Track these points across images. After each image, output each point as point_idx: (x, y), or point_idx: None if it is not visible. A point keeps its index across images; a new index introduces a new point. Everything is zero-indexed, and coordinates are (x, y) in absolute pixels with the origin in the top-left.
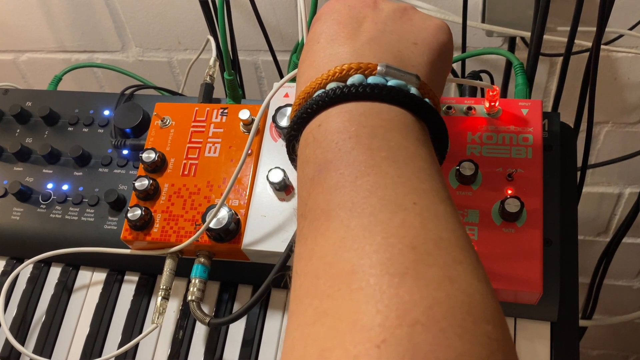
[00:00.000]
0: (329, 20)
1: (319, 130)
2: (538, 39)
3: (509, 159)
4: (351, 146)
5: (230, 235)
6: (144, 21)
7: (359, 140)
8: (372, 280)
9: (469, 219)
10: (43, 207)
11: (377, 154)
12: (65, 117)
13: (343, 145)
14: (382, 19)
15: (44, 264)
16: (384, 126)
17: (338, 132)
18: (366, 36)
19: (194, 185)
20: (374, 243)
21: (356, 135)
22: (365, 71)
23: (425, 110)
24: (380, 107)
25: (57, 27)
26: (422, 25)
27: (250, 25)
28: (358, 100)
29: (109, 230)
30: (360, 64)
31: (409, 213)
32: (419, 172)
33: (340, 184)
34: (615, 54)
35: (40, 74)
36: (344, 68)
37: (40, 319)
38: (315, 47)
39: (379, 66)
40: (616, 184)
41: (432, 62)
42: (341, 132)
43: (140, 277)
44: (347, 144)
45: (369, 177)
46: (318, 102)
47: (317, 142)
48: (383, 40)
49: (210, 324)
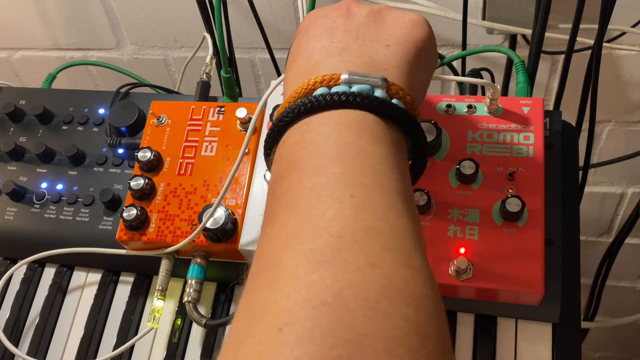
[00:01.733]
0: (305, 35)
1: (283, 146)
2: (539, 37)
3: (510, 157)
4: (304, 153)
5: (227, 235)
6: (139, 18)
7: (312, 147)
8: (291, 269)
9: (469, 219)
10: (37, 206)
11: (325, 156)
12: (59, 115)
13: (297, 154)
14: (355, 26)
15: (38, 265)
16: (339, 130)
17: (296, 144)
18: (338, 47)
19: (190, 185)
20: (302, 236)
21: (310, 143)
22: (330, 82)
23: (391, 109)
24: (339, 113)
25: (52, 24)
26: (397, 25)
27: (247, 22)
28: (318, 111)
29: (104, 231)
30: (324, 77)
31: (343, 205)
32: (366, 167)
33: (287, 187)
34: (618, 52)
35: (34, 72)
36: (310, 83)
37: (34, 321)
38: (293, 65)
39: (342, 75)
40: (619, 183)
41: (407, 61)
42: (298, 144)
43: (135, 277)
44: (301, 153)
45: (313, 178)
46: (283, 119)
47: (280, 157)
48: (353, 48)
49: (207, 326)
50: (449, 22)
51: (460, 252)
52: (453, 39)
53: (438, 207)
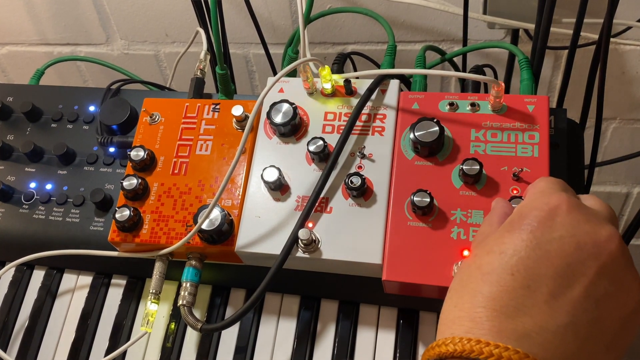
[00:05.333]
0: (537, 250)
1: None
2: (545, 32)
3: (515, 157)
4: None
5: (223, 236)
6: (129, 12)
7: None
8: None
9: (472, 220)
10: (25, 207)
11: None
12: (48, 113)
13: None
14: (599, 293)
15: (26, 267)
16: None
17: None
18: (566, 311)
19: (184, 185)
20: None
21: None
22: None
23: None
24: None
25: (39, 18)
26: None
27: (240, 16)
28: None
29: (95, 232)
30: None
31: None
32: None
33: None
34: (623, 47)
35: (21, 68)
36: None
37: (23, 325)
38: (514, 287)
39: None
40: (624, 183)
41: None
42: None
43: (128, 280)
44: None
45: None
46: None
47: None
48: (582, 327)
49: (202, 330)
50: (449, 16)
51: (463, 254)
52: (453, 34)
53: (441, 208)
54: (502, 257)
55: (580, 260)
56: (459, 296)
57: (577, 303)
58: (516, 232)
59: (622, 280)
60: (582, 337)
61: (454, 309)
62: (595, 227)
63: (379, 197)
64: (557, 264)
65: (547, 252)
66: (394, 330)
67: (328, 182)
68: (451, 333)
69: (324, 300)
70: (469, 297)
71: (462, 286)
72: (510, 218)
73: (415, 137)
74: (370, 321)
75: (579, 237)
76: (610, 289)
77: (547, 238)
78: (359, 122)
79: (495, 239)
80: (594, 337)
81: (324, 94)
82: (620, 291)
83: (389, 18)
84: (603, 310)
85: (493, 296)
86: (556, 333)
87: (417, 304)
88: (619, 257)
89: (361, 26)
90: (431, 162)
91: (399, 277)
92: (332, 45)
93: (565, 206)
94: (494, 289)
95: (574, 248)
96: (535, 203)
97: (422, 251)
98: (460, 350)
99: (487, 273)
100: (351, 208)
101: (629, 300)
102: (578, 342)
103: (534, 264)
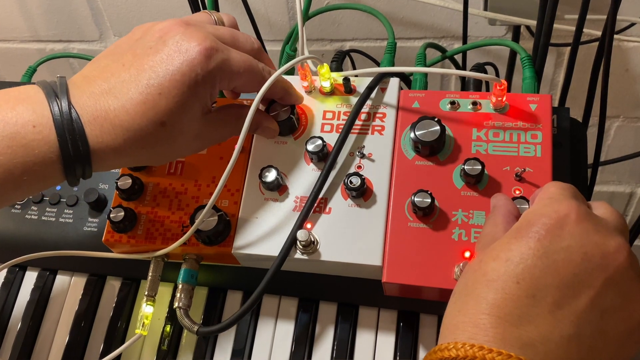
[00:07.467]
0: (544, 259)
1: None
2: (548, 28)
3: (517, 157)
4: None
5: (220, 238)
6: (122, 9)
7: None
8: None
9: (474, 221)
10: (18, 207)
11: None
12: None
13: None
14: (605, 305)
15: (19, 269)
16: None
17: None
18: (571, 322)
19: (180, 185)
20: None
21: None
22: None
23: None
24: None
25: (31, 14)
26: None
27: (236, 12)
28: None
29: (89, 232)
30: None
31: None
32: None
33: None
34: (627, 44)
35: (13, 65)
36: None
37: (16, 327)
38: (497, 286)
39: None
40: (627, 182)
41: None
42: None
43: (123, 282)
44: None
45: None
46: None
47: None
48: (586, 338)
49: (199, 333)
50: (449, 12)
51: (465, 256)
52: (453, 31)
53: (442, 208)
54: (508, 265)
55: (587, 271)
56: (463, 301)
57: (582, 314)
58: (523, 240)
59: (629, 292)
60: (586, 348)
61: (457, 313)
62: (604, 238)
63: (378, 198)
64: (564, 274)
65: (554, 261)
66: (394, 333)
67: (327, 182)
68: (454, 338)
69: (323, 303)
70: (474, 303)
71: (467, 291)
72: (518, 224)
73: (415, 137)
74: (369, 324)
75: (587, 248)
76: (617, 301)
77: (555, 247)
78: (359, 121)
79: (501, 245)
80: (598, 349)
81: (322, 93)
82: (627, 303)
83: (387, 14)
84: (608, 322)
85: (497, 303)
86: (560, 343)
87: (418, 307)
88: (627, 269)
89: (359, 22)
90: (432, 162)
91: (400, 279)
92: (330, 42)
93: (574, 215)
94: (499, 297)
95: (581, 258)
96: (544, 210)
97: (423, 253)
98: (463, 355)
99: (493, 280)
100: (350, 209)
101: (635, 312)
102: (582, 353)
103: (540, 273)
